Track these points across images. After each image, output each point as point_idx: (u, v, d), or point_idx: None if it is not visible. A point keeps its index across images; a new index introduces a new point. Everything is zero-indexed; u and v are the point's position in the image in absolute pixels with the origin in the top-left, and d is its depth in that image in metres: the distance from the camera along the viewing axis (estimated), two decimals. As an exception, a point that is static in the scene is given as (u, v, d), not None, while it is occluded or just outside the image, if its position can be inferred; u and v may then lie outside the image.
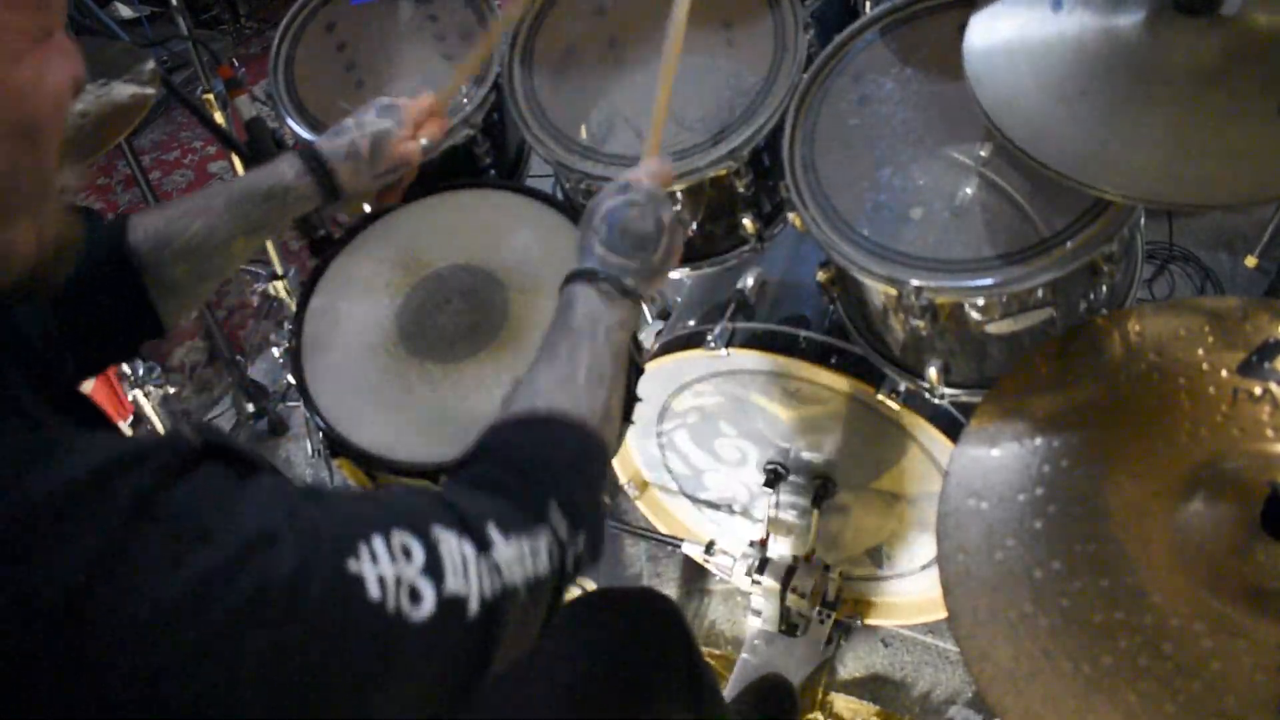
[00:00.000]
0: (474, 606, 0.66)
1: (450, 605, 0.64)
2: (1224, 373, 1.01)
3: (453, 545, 0.66)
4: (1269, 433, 0.95)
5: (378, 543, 0.62)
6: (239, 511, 0.58)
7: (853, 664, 1.85)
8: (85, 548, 0.52)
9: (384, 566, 0.61)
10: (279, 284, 2.19)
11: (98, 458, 0.55)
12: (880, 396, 1.41)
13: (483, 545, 0.68)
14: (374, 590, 0.60)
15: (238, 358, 2.44)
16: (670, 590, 2.01)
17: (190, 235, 1.09)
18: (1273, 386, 0.98)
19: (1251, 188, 0.96)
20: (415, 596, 0.62)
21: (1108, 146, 1.02)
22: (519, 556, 0.71)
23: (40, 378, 0.75)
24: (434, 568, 0.64)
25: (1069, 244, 1.10)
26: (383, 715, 0.61)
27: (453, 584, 0.65)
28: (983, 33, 1.15)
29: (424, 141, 1.23)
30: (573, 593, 1.80)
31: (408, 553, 0.63)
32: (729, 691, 1.75)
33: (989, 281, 1.11)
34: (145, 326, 1.10)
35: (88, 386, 2.03)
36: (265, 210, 1.14)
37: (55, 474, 0.54)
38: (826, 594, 1.75)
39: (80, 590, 0.51)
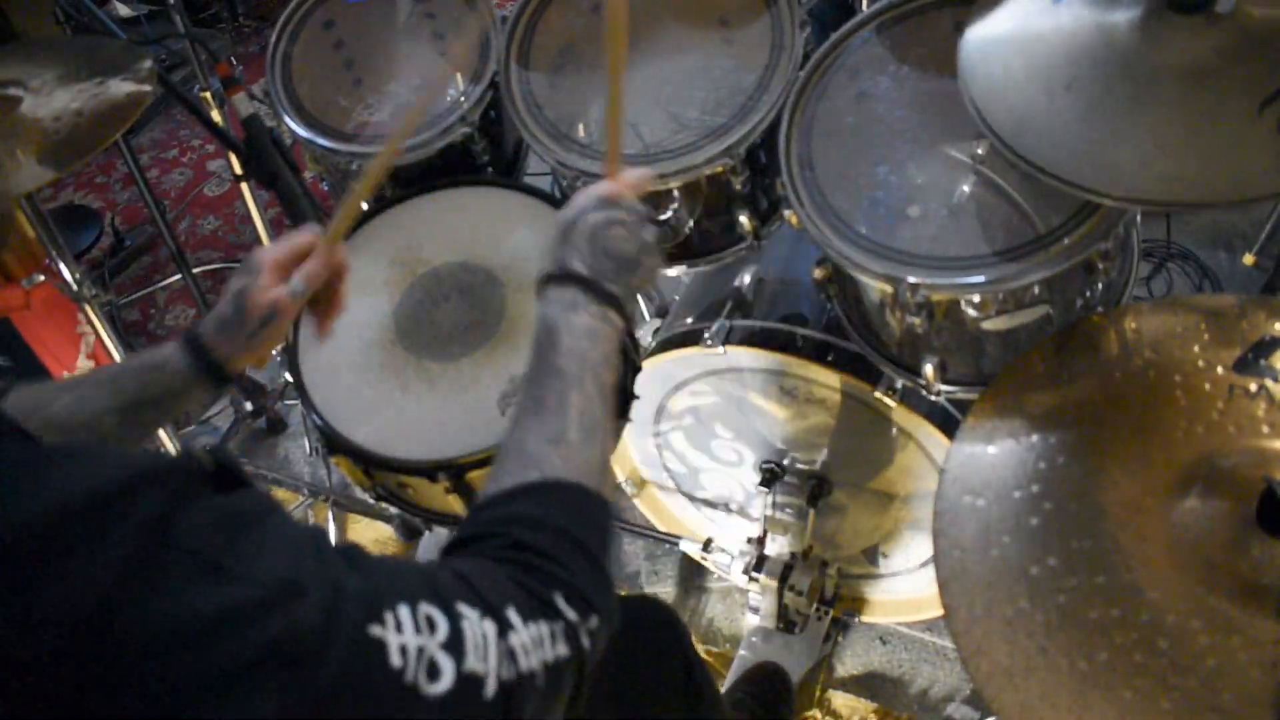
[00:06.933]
0: (491, 688, 0.64)
1: (467, 683, 0.63)
2: (1219, 369, 1.01)
3: (475, 624, 0.65)
4: (1264, 429, 0.95)
5: (403, 611, 0.62)
6: (262, 553, 0.57)
7: (851, 661, 1.85)
8: (103, 564, 0.52)
9: (408, 636, 0.61)
10: (277, 282, 2.19)
11: (105, 475, 0.54)
12: (877, 394, 1.41)
13: (503, 628, 0.67)
14: (395, 658, 0.59)
15: (236, 356, 2.43)
16: (668, 588, 2.01)
17: (58, 408, 1.03)
18: (1268, 383, 0.98)
19: (1230, 187, 0.96)
20: (434, 671, 0.61)
21: (1088, 142, 1.02)
22: (536, 641, 0.69)
23: None
24: (456, 644, 0.63)
25: (1065, 241, 1.10)
26: None
27: (472, 662, 0.64)
28: (982, 23, 1.15)
29: (295, 284, 1.07)
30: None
31: (432, 625, 0.63)
32: (725, 686, 1.75)
33: (985, 278, 1.11)
34: None
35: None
36: (140, 384, 1.06)
37: (66, 488, 0.53)
38: (824, 591, 1.75)
39: (96, 609, 0.51)
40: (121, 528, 0.53)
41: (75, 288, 1.82)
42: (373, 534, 2.18)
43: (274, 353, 1.14)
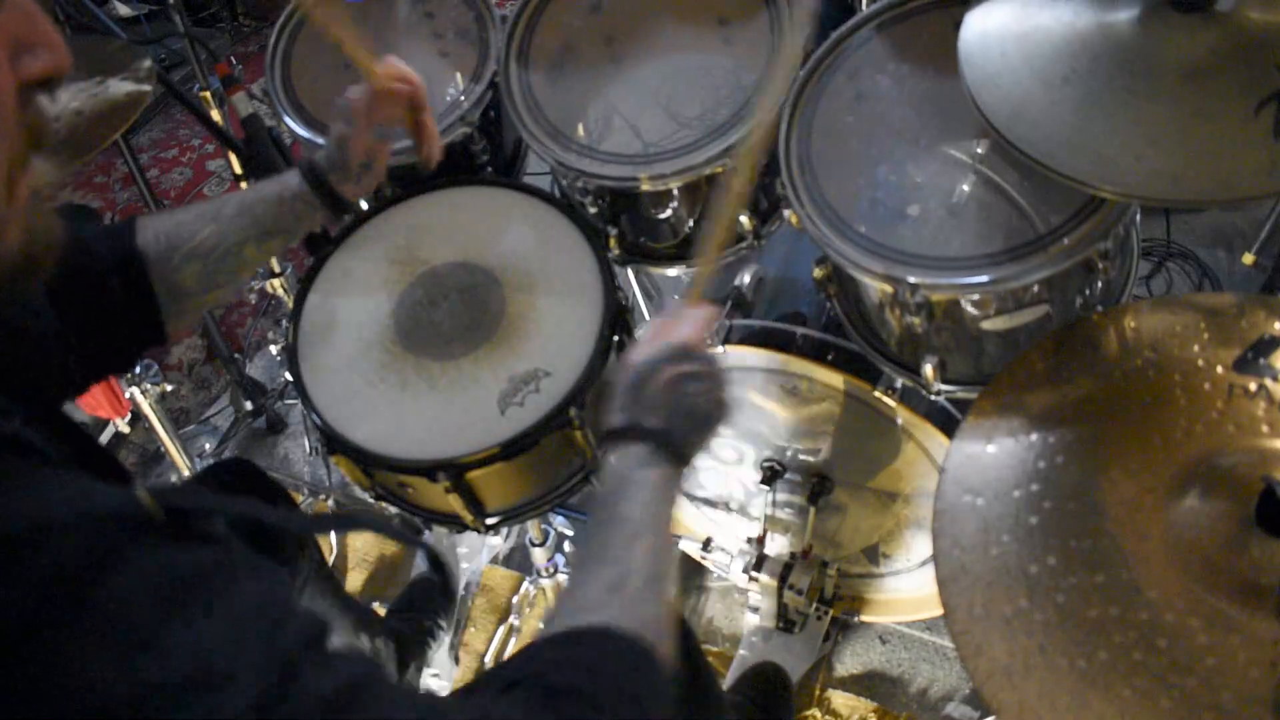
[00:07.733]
0: None
1: None
2: (1219, 369, 1.01)
3: None
4: (1264, 428, 0.95)
5: None
6: (196, 628, 0.52)
7: (850, 661, 1.85)
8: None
9: None
10: (276, 281, 2.19)
11: (14, 518, 0.50)
12: (877, 393, 1.41)
13: None
14: None
15: (236, 355, 2.43)
16: (668, 587, 2.01)
17: (201, 239, 1.10)
18: (1267, 382, 0.98)
19: (1221, 187, 0.96)
20: None
21: (1082, 134, 1.02)
22: None
23: (33, 387, 0.71)
24: None
25: (1065, 240, 1.10)
26: None
27: None
28: (982, 11, 1.15)
29: (380, 130, 1.18)
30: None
31: None
32: (725, 686, 1.75)
33: (985, 278, 1.11)
34: (147, 331, 1.09)
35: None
36: (276, 215, 1.15)
37: None
38: (824, 590, 1.75)
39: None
40: (26, 580, 0.48)
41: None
42: (373, 533, 2.18)
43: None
